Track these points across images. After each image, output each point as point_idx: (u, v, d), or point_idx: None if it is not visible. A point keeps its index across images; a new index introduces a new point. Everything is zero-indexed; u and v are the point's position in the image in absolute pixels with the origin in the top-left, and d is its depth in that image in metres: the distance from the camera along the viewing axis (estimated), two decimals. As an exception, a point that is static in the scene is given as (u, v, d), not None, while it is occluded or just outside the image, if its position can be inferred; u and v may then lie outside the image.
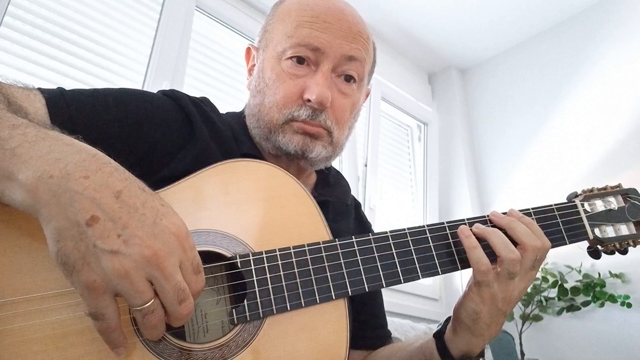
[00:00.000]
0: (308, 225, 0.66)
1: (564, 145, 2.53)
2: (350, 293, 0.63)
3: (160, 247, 0.44)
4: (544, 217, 0.76)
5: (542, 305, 2.27)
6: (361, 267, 0.65)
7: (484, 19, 2.74)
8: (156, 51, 1.84)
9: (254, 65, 0.85)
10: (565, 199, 0.83)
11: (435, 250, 0.69)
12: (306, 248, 0.64)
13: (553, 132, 2.61)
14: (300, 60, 0.76)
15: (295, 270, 0.62)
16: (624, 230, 0.79)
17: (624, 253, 0.80)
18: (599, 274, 2.15)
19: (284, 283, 0.61)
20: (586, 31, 2.61)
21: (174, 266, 0.46)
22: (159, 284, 0.45)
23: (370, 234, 0.68)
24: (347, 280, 0.64)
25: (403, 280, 0.67)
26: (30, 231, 0.51)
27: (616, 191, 0.83)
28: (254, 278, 0.60)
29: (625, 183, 0.86)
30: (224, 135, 0.77)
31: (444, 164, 3.02)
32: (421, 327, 1.99)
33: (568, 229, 0.77)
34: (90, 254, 0.42)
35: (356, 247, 0.66)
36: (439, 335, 0.74)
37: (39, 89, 0.64)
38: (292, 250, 0.63)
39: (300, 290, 0.61)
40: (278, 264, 0.62)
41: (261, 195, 0.66)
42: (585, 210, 0.79)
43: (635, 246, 0.79)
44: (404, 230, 0.70)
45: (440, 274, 0.69)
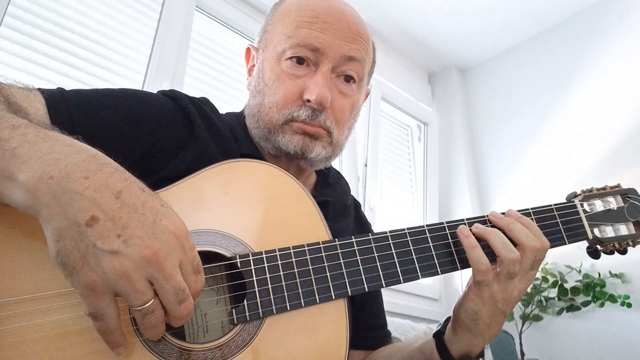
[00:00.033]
0: (308, 225, 0.66)
1: (564, 145, 2.53)
2: (350, 293, 0.64)
3: (160, 247, 0.45)
4: (543, 217, 0.76)
5: (542, 305, 2.27)
6: (361, 267, 0.65)
7: (484, 19, 2.74)
8: (156, 51, 1.84)
9: (254, 65, 0.85)
10: (565, 199, 0.83)
11: (435, 250, 0.69)
12: (306, 248, 0.64)
13: (553, 132, 2.61)
14: (300, 61, 0.76)
15: (295, 270, 0.62)
16: (623, 230, 0.80)
17: (623, 253, 0.80)
18: (599, 274, 2.15)
19: (283, 283, 0.61)
20: (586, 31, 2.61)
21: (173, 266, 0.46)
22: (159, 284, 0.45)
23: (369, 234, 0.68)
24: (347, 280, 0.64)
25: (403, 280, 0.67)
26: (30, 231, 0.51)
27: (615, 191, 0.83)
28: (254, 278, 0.60)
29: (625, 183, 0.86)
30: (224, 136, 0.77)
31: (444, 164, 3.02)
32: (421, 327, 1.99)
33: (567, 229, 0.77)
34: (90, 254, 0.42)
35: (356, 247, 0.66)
36: (439, 335, 0.74)
37: (39, 89, 0.64)
38: (292, 250, 0.63)
39: (300, 290, 0.61)
40: (278, 264, 0.62)
41: (261, 195, 0.66)
42: (584, 210, 0.79)
43: (634, 246, 0.80)
44: (403, 230, 0.70)
45: (439, 273, 0.69)
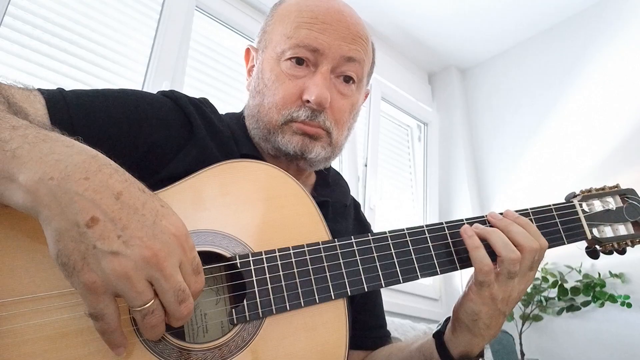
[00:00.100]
0: (307, 225, 0.67)
1: (564, 145, 2.53)
2: (349, 293, 0.64)
3: (160, 248, 0.45)
4: (542, 218, 0.76)
5: (542, 305, 2.27)
6: (360, 267, 0.65)
7: (484, 19, 2.74)
8: (156, 51, 1.84)
9: (254, 66, 0.85)
10: (564, 199, 0.84)
11: (434, 250, 0.70)
12: (305, 248, 0.64)
13: (553, 132, 2.61)
14: (299, 61, 0.76)
15: (295, 270, 0.62)
16: (622, 230, 0.80)
17: (622, 253, 0.80)
18: (599, 274, 2.15)
19: (283, 283, 0.61)
20: (586, 31, 2.61)
21: (173, 266, 0.46)
22: (159, 285, 0.45)
23: (369, 234, 0.68)
24: (347, 280, 0.64)
25: (402, 280, 0.67)
26: (30, 232, 0.51)
27: (614, 191, 0.83)
28: (254, 278, 0.60)
29: (625, 183, 0.86)
30: (224, 136, 0.77)
31: (444, 164, 3.02)
32: (421, 327, 1.99)
33: (566, 229, 0.77)
34: (90, 255, 0.42)
35: (355, 247, 0.66)
36: (439, 335, 0.74)
37: (39, 90, 0.64)
38: (292, 250, 0.63)
39: (299, 290, 0.61)
40: (277, 264, 0.62)
41: (260, 195, 0.66)
42: (583, 211, 0.80)
43: (633, 246, 0.80)
44: (403, 230, 0.70)
45: (439, 273, 0.69)
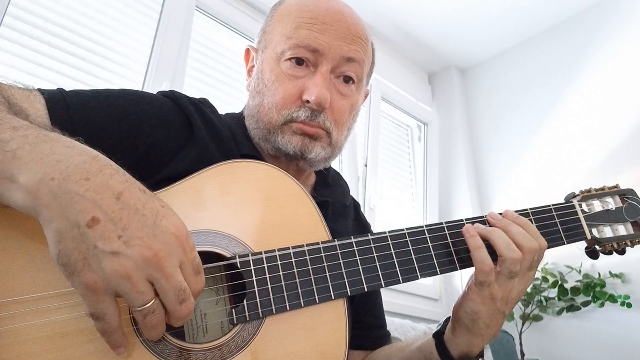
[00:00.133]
0: (307, 225, 0.67)
1: (564, 145, 2.53)
2: (349, 293, 0.64)
3: (161, 248, 0.45)
4: (542, 218, 0.76)
5: (542, 305, 2.27)
6: (360, 267, 0.66)
7: (484, 19, 2.74)
8: (156, 51, 1.84)
9: (253, 66, 0.85)
10: (563, 200, 0.84)
11: (434, 250, 0.70)
12: (305, 248, 0.64)
13: (553, 132, 2.61)
14: (299, 62, 0.76)
15: (295, 270, 0.62)
16: (622, 230, 0.80)
17: (622, 253, 0.81)
18: (599, 274, 2.15)
19: (283, 283, 0.61)
20: (586, 31, 2.61)
21: (174, 266, 0.46)
22: (160, 285, 0.45)
23: (369, 234, 0.68)
24: (346, 280, 0.64)
25: (402, 280, 0.67)
26: (31, 232, 0.52)
27: (614, 192, 0.83)
28: (254, 278, 0.60)
29: (625, 183, 0.86)
30: (223, 136, 0.77)
31: (444, 164, 3.02)
32: (421, 327, 1.99)
33: (566, 229, 0.77)
34: (90, 255, 0.43)
35: (355, 248, 0.66)
36: (439, 335, 0.74)
37: (39, 90, 0.64)
38: (292, 250, 0.63)
39: (299, 290, 0.61)
40: (277, 264, 0.62)
41: (260, 195, 0.66)
42: (583, 211, 0.80)
43: (633, 246, 0.80)
44: (402, 230, 0.70)
45: (439, 274, 0.69)
